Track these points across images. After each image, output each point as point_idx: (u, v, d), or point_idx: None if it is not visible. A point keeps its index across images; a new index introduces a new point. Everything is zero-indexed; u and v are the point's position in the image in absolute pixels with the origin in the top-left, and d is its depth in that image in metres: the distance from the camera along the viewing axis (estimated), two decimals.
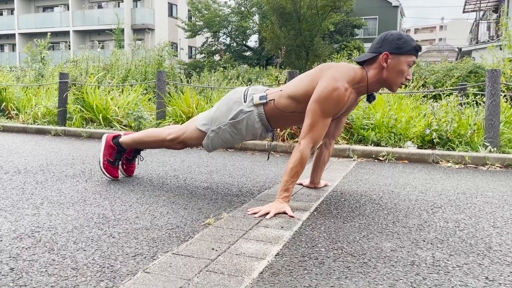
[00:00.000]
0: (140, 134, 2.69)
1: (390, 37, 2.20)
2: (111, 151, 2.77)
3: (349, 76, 2.21)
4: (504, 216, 2.19)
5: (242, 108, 2.36)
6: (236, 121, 2.36)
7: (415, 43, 2.21)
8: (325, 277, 1.41)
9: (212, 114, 2.46)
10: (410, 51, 2.18)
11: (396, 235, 1.85)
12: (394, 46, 2.18)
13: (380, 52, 2.20)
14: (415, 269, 1.49)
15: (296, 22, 17.13)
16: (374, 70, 2.23)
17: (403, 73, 2.22)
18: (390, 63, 2.19)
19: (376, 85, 2.29)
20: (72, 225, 1.87)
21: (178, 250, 1.60)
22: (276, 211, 2.10)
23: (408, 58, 2.19)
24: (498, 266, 1.53)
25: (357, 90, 2.28)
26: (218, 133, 2.42)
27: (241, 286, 1.32)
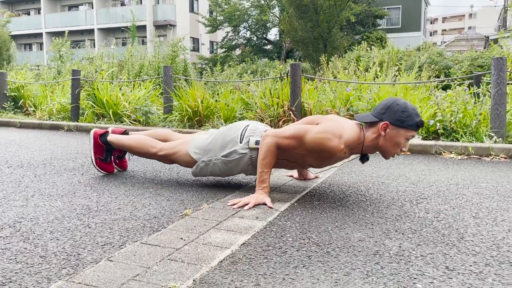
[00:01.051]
0: (130, 141, 2.69)
1: (396, 107, 2.13)
2: (101, 149, 2.82)
3: (350, 139, 2.16)
4: (490, 206, 2.15)
5: (237, 149, 2.36)
6: (228, 160, 2.38)
7: (418, 119, 2.13)
8: (283, 265, 1.43)
9: (206, 145, 2.46)
10: (411, 126, 2.12)
11: (370, 225, 1.84)
12: (397, 117, 2.11)
13: (382, 119, 2.15)
14: (377, 258, 1.49)
15: (314, 14, 16.96)
16: (372, 135, 2.18)
17: (399, 145, 2.16)
18: (389, 133, 2.14)
19: (371, 149, 2.24)
20: (54, 216, 1.94)
21: (147, 240, 1.65)
22: (256, 202, 2.12)
23: (408, 133, 2.14)
24: (464, 256, 1.51)
25: (351, 151, 2.24)
26: (208, 164, 2.44)
27: (197, 274, 1.36)
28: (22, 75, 7.17)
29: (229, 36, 29.21)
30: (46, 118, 6.20)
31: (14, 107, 6.78)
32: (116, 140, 2.76)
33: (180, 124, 5.04)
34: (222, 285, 1.29)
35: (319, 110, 4.40)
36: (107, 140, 2.78)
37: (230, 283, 1.30)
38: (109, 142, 2.78)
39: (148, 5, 30.79)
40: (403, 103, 2.15)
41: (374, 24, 27.53)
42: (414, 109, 2.16)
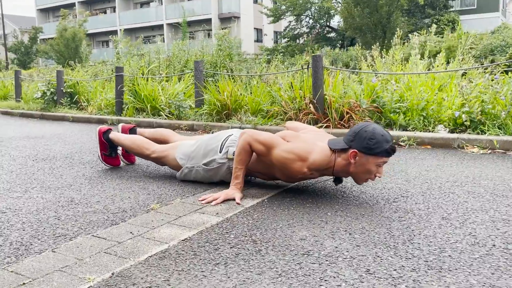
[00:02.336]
0: (128, 142, 2.83)
1: (363, 134, 2.06)
2: (104, 146, 2.99)
3: (315, 163, 2.13)
4: (471, 207, 2.02)
5: (216, 158, 2.43)
6: (208, 168, 2.45)
7: (388, 145, 2.04)
8: (205, 262, 1.47)
9: (190, 152, 2.54)
10: (380, 153, 2.04)
11: (323, 224, 1.82)
12: (365, 145, 2.05)
13: (351, 147, 2.10)
14: (303, 258, 1.48)
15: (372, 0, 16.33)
16: (343, 161, 2.13)
17: (370, 172, 2.09)
18: (358, 160, 2.08)
19: (342, 173, 2.19)
20: (36, 207, 2.12)
21: (99, 233, 1.76)
22: (225, 197, 2.16)
23: (378, 160, 2.07)
24: (395, 259, 1.46)
25: (320, 173, 2.21)
26: (191, 171, 2.53)
27: (119, 267, 1.44)
28: (79, 71, 7.71)
29: (292, 25, 28.98)
30: (95, 113, 6.63)
31: (70, 103, 7.32)
32: (116, 138, 2.92)
33: (209, 117, 5.17)
34: (136, 279, 1.36)
35: (341, 102, 4.29)
36: (109, 138, 2.95)
37: (143, 277, 1.37)
38: (111, 139, 2.95)
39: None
40: (372, 129, 2.07)
41: (445, 5, 25.91)
42: (384, 134, 2.06)
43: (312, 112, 4.28)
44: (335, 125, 4.20)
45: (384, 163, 2.11)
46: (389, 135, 2.10)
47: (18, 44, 31.87)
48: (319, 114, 4.28)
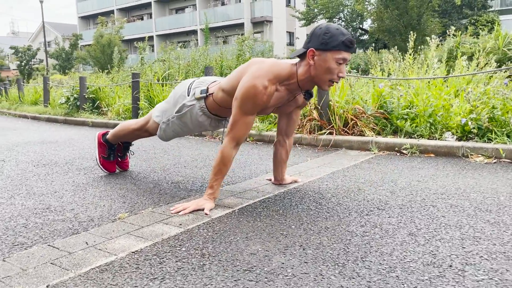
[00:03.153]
0: (117, 129, 2.92)
1: (318, 31, 2.04)
2: (103, 148, 3.05)
3: (272, 73, 2.10)
4: (446, 222, 1.90)
5: (185, 102, 2.42)
6: (181, 114, 2.44)
7: (345, 37, 1.99)
8: (143, 277, 1.45)
9: (163, 107, 2.58)
10: (337, 46, 1.99)
11: (282, 237, 1.76)
12: (320, 41, 2.01)
13: (308, 47, 2.06)
14: (243, 275, 1.43)
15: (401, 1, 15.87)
16: (304, 67, 2.10)
17: (331, 70, 2.05)
18: (317, 60, 2.04)
19: (307, 83, 2.15)
20: (11, 214, 2.17)
21: (55, 243, 1.77)
22: (195, 208, 2.14)
23: (336, 55, 2.01)
24: (338, 279, 1.39)
25: (287, 88, 2.17)
26: (168, 125, 2.53)
27: (57, 279, 1.44)
28: (101, 77, 7.91)
29: None
30: (114, 118, 6.78)
31: (92, 108, 7.52)
32: (110, 134, 2.98)
33: None
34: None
35: (346, 108, 4.19)
36: (107, 139, 3.01)
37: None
38: (108, 140, 3.00)
39: (245, 3, 31.58)
40: (326, 25, 2.05)
41: (484, 5, 24.95)
42: (339, 28, 2.03)
43: (316, 118, 4.19)
44: (339, 132, 4.10)
45: (345, 60, 2.05)
46: (345, 30, 2.05)
47: (60, 51, 33.12)
48: (323, 120, 4.19)
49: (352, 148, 3.88)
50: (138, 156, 3.82)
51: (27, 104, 10.07)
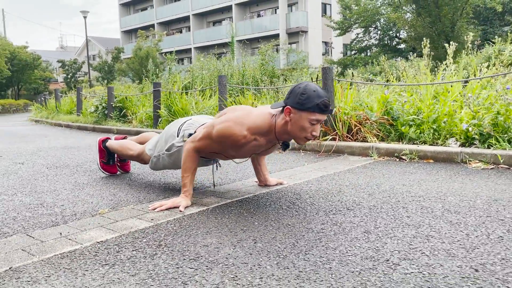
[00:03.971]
0: (117, 146, 3.05)
1: (297, 90, 2.11)
2: (103, 154, 3.23)
3: (254, 124, 2.18)
4: (408, 223, 1.92)
5: (174, 143, 2.54)
6: (170, 153, 2.57)
7: (320, 100, 2.05)
8: (96, 262, 1.57)
9: (155, 142, 2.72)
10: (311, 108, 2.06)
11: (241, 233, 1.84)
12: (297, 101, 2.09)
13: (286, 104, 2.14)
14: (186, 263, 1.53)
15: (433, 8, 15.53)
16: (281, 121, 2.17)
17: (305, 129, 2.12)
18: (293, 117, 2.12)
19: (284, 135, 2.22)
20: (7, 208, 2.36)
21: (34, 233, 1.93)
22: (171, 205, 2.25)
23: (310, 116, 2.08)
24: (273, 269, 1.45)
25: (266, 138, 2.25)
26: (159, 159, 2.66)
27: (21, 263, 1.58)
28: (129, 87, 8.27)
29: (359, 38, 28.49)
30: (137, 125, 7.05)
31: (119, 116, 7.85)
32: (109, 145, 3.15)
33: None
34: (24, 273, 1.49)
35: (350, 114, 4.21)
36: (106, 145, 3.19)
37: (31, 273, 1.50)
38: (107, 147, 3.18)
39: (281, 14, 31.86)
40: (305, 85, 2.11)
41: None
42: (317, 90, 2.08)
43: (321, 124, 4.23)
44: (343, 138, 4.12)
45: (319, 121, 2.12)
46: (323, 92, 2.11)
47: (102, 64, 34.55)
48: (327, 126, 4.23)
49: (353, 154, 3.89)
50: None
51: (62, 113, 10.62)
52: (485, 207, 2.13)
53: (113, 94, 7.86)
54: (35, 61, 32.32)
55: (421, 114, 4.09)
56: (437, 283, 1.31)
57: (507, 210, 2.06)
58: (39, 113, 12.66)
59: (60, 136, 7.11)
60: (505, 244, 1.62)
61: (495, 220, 1.92)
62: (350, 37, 30.76)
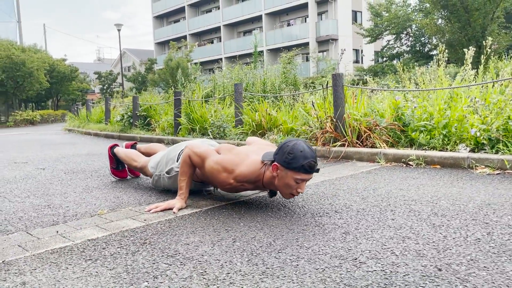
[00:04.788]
0: (122, 155, 3.18)
1: (285, 148, 2.15)
2: (112, 160, 3.38)
3: (242, 175, 2.24)
4: (391, 225, 1.94)
5: (173, 167, 2.65)
6: (170, 176, 2.68)
7: (305, 161, 2.08)
8: (81, 258, 1.67)
9: (158, 162, 2.83)
10: (296, 168, 2.10)
11: (224, 233, 1.91)
12: (283, 159, 2.13)
13: (275, 159, 2.20)
14: (163, 259, 1.61)
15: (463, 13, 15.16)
16: (270, 174, 2.22)
17: (290, 186, 2.15)
18: (279, 173, 2.17)
19: (271, 186, 2.27)
20: (16, 209, 2.52)
21: (33, 231, 2.06)
22: (166, 207, 2.35)
23: (296, 175, 2.12)
24: (242, 266, 1.51)
25: (253, 185, 2.31)
26: (159, 178, 2.78)
27: (14, 257, 1.70)
28: (153, 96, 8.51)
29: (389, 45, 28.12)
30: (159, 133, 7.25)
31: (143, 124, 8.09)
32: (117, 152, 3.29)
33: (245, 136, 5.38)
34: (14, 266, 1.61)
35: (360, 120, 4.21)
36: (114, 152, 3.33)
37: (20, 266, 1.61)
38: (115, 153, 3.32)
39: (311, 23, 31.90)
40: (293, 144, 2.13)
41: None
42: (304, 151, 2.09)
43: (330, 130, 4.26)
44: (352, 144, 4.13)
45: (304, 180, 2.14)
46: (310, 153, 2.11)
47: (136, 75, 35.51)
48: (337, 133, 4.24)
49: (362, 160, 3.89)
50: None
51: (92, 122, 11.03)
52: (474, 210, 2.11)
53: (138, 103, 8.11)
54: (72, 73, 33.55)
55: (433, 120, 4.05)
56: (395, 281, 1.34)
57: (496, 214, 2.04)
58: (72, 122, 13.18)
59: (87, 144, 7.40)
60: (480, 246, 1.62)
61: (480, 223, 1.90)
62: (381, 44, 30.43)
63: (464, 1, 14.97)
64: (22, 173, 3.96)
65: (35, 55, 25.37)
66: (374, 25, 27.19)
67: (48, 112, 26.89)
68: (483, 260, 1.48)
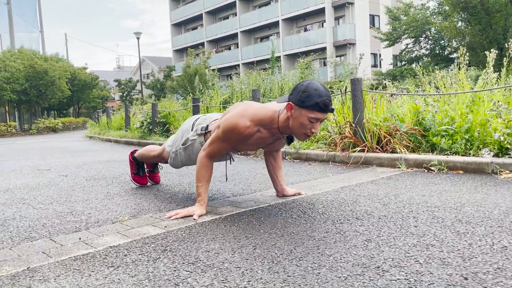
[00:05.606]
0: (142, 151, 3.25)
1: (300, 87, 2.17)
2: (133, 165, 3.42)
3: (256, 116, 2.28)
4: (414, 232, 1.90)
5: (188, 137, 2.69)
6: (185, 146, 2.71)
7: (320, 99, 2.10)
8: (103, 264, 1.69)
9: (173, 139, 2.87)
10: (311, 106, 2.12)
11: (244, 240, 1.90)
12: (298, 98, 2.15)
13: (289, 100, 2.22)
14: (184, 267, 1.61)
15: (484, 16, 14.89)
16: (284, 116, 2.25)
17: (304, 126, 2.18)
18: (293, 113, 2.19)
19: (286, 130, 2.29)
20: (40, 216, 2.56)
21: (56, 238, 2.09)
22: (186, 214, 2.36)
23: (310, 114, 2.14)
24: (262, 273, 1.50)
25: (269, 130, 2.33)
26: (176, 154, 2.81)
27: (38, 263, 1.73)
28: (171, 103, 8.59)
29: (408, 48, 27.81)
30: None
31: (162, 131, 8.16)
32: (136, 153, 3.33)
33: None
34: (38, 273, 1.63)
35: (380, 125, 4.16)
36: (134, 156, 3.37)
37: (44, 272, 1.64)
38: (136, 157, 3.36)
39: (328, 28, 31.81)
40: (307, 83, 2.16)
41: None
42: (318, 89, 2.12)
43: (349, 136, 4.22)
44: (372, 150, 4.08)
45: (318, 120, 2.16)
46: (325, 91, 2.14)
47: (155, 82, 35.92)
48: (356, 138, 4.21)
49: (382, 165, 3.85)
50: (176, 172, 4.16)
51: (113, 129, 11.18)
52: (500, 217, 2.06)
53: (157, 110, 8.20)
54: (93, 81, 34.13)
55: (454, 124, 3.98)
56: None
57: None
58: (93, 129, 13.39)
59: (107, 150, 7.50)
60: (507, 254, 1.58)
61: (506, 230, 1.86)
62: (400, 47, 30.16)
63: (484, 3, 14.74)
64: (45, 180, 4.04)
65: (57, 64, 25.91)
66: (392, 29, 26.97)
67: (70, 120, 27.38)
68: (511, 269, 1.44)
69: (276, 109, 2.31)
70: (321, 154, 4.38)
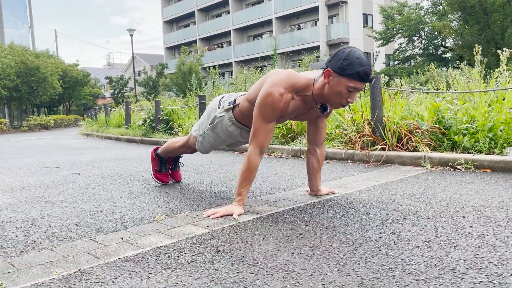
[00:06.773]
0: (165, 145, 3.19)
1: (340, 54, 2.11)
2: (155, 162, 3.33)
3: (288, 83, 2.22)
4: (469, 232, 1.86)
5: (216, 114, 2.63)
6: (213, 125, 2.64)
7: (361, 68, 2.04)
8: (158, 265, 1.61)
9: (200, 122, 2.80)
10: (351, 75, 2.06)
11: (297, 240, 1.84)
12: (338, 65, 2.09)
13: (327, 66, 2.16)
14: (246, 268, 1.54)
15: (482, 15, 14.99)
16: (320, 83, 2.20)
17: (341, 95, 2.13)
18: (331, 80, 2.13)
19: (321, 98, 2.23)
20: (70, 215, 2.46)
21: (97, 238, 2.01)
22: (225, 213, 2.28)
23: (349, 82, 2.08)
24: (334, 276, 1.44)
25: (302, 98, 2.26)
26: (204, 137, 2.74)
27: (88, 265, 1.65)
28: (175, 101, 8.49)
29: (402, 48, 27.91)
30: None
31: (165, 128, 8.05)
32: (160, 150, 3.25)
33: (275, 140, 5.31)
34: (92, 275, 1.55)
35: (400, 123, 4.12)
36: (158, 153, 3.29)
37: (98, 274, 1.56)
38: (159, 154, 3.28)
39: (321, 26, 31.84)
40: (349, 50, 2.10)
41: None
42: (360, 58, 2.06)
43: (368, 134, 4.18)
44: (392, 148, 4.04)
45: (356, 89, 2.10)
46: (366, 61, 2.08)
47: (147, 79, 35.64)
48: (375, 136, 4.16)
49: (404, 164, 3.81)
50: (194, 170, 4.08)
51: (112, 126, 11.02)
52: None
53: (160, 107, 8.09)
54: (85, 78, 33.74)
55: (475, 122, 3.95)
56: None
57: None
58: (89, 126, 13.20)
59: (110, 148, 7.37)
60: None
61: None
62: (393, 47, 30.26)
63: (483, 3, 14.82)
64: (58, 178, 3.93)
65: (49, 61, 25.54)
66: (386, 28, 27.04)
67: (61, 117, 27.01)
68: None
69: (310, 77, 2.26)
70: (339, 152, 4.33)
